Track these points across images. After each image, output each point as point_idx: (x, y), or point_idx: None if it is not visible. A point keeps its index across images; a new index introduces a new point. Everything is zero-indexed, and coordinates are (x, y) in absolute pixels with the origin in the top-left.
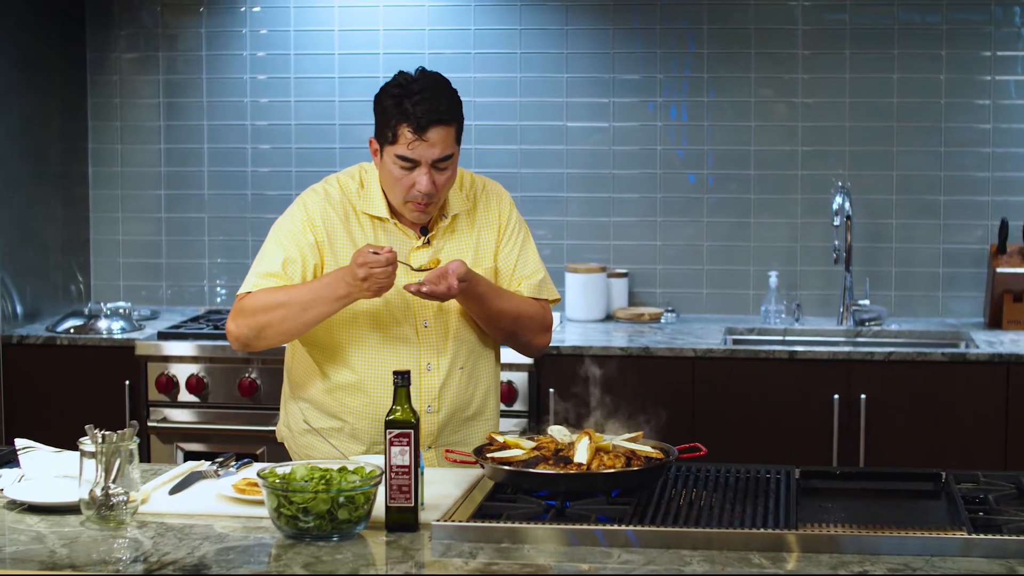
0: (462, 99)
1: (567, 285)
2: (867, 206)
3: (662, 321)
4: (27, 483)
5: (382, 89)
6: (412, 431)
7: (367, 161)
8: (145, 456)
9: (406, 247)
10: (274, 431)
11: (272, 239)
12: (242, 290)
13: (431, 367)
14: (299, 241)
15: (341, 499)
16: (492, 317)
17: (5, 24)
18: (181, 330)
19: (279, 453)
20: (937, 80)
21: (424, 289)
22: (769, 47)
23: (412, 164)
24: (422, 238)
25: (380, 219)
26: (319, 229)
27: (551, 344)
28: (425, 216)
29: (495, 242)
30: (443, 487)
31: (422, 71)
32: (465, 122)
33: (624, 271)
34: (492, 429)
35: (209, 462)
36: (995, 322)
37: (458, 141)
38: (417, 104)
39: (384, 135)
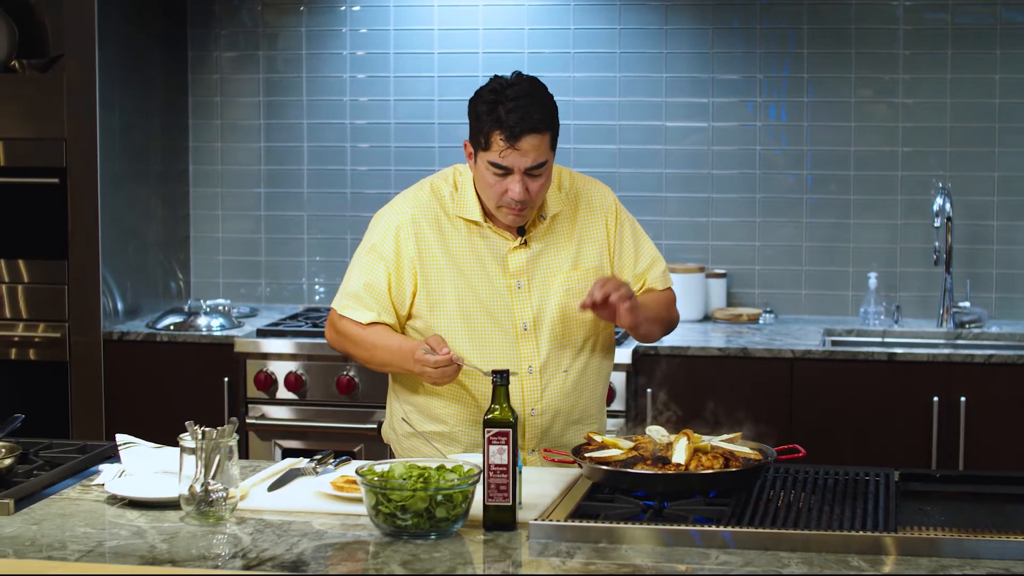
0: (561, 99)
1: None
2: (968, 207)
3: (760, 322)
4: (128, 478)
5: (476, 94)
6: (511, 430)
7: (463, 162)
8: (243, 453)
9: (503, 249)
10: (372, 428)
11: (361, 254)
12: (334, 304)
13: (532, 370)
14: (385, 259)
15: (439, 497)
16: (642, 328)
17: (110, 25)
18: (280, 328)
19: (377, 451)
20: None
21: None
22: (870, 47)
23: (505, 171)
24: (519, 239)
25: (475, 223)
26: (409, 242)
27: (649, 345)
28: (520, 220)
29: (603, 242)
30: (541, 486)
31: (518, 75)
32: (564, 122)
33: (723, 271)
34: (600, 429)
35: (308, 459)
36: None
37: (553, 148)
38: (511, 112)
39: (477, 140)
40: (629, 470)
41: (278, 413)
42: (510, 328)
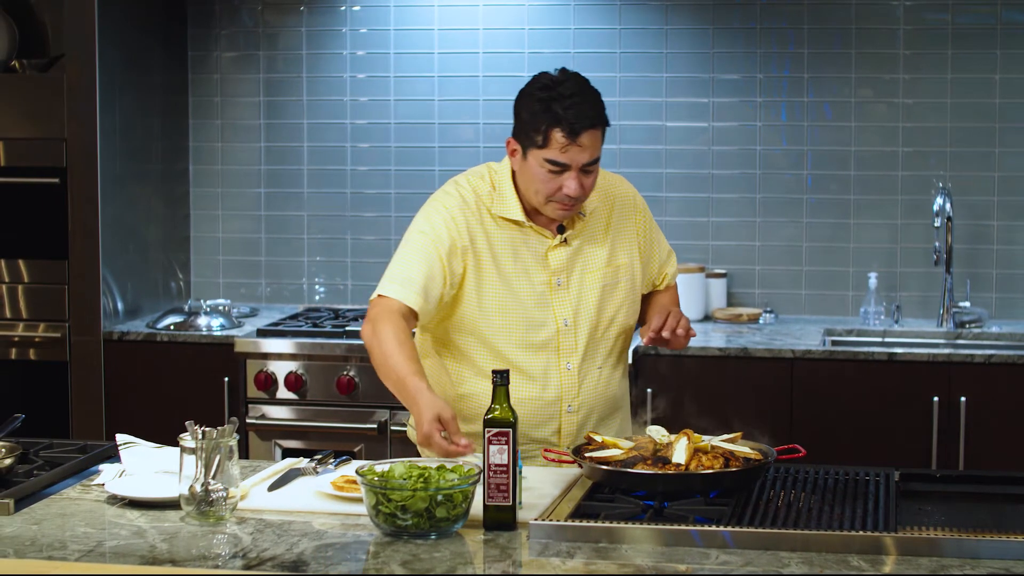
0: None
1: None
2: (968, 207)
3: (760, 322)
4: (128, 478)
5: (526, 91)
6: (511, 430)
7: (470, 161)
8: (243, 453)
9: (542, 247)
10: (372, 428)
11: (411, 242)
12: (378, 293)
13: (571, 367)
14: (438, 248)
15: (439, 497)
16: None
17: (110, 25)
18: (280, 328)
19: (377, 451)
20: None
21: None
22: (870, 47)
23: (561, 168)
24: (558, 237)
25: (516, 222)
26: (463, 234)
27: (649, 346)
28: (567, 216)
29: (634, 239)
30: (541, 486)
31: (564, 71)
32: None
33: (723, 271)
34: (624, 427)
35: (308, 459)
36: None
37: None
38: (568, 108)
39: (531, 139)
40: (629, 470)
41: (278, 413)
42: (551, 325)
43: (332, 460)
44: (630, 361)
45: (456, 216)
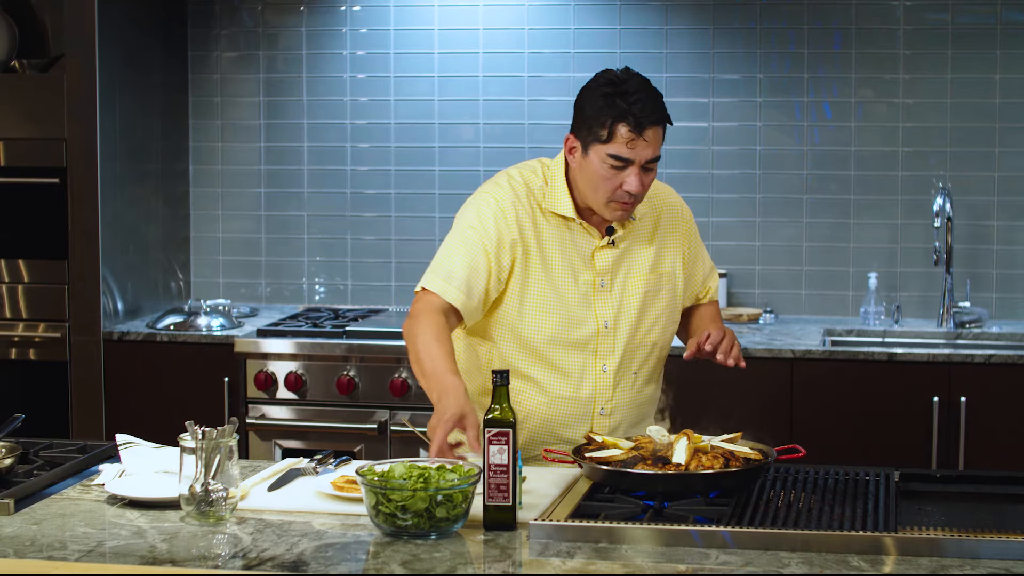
0: (561, 98)
1: None
2: (968, 207)
3: (760, 322)
4: (128, 478)
5: (590, 87)
6: (511, 430)
7: (469, 161)
8: (243, 453)
9: (589, 247)
10: (372, 428)
11: (458, 235)
12: (421, 285)
13: (607, 369)
14: (485, 243)
15: (439, 497)
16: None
17: (110, 25)
18: (280, 328)
19: (377, 451)
20: None
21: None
22: (870, 47)
23: (624, 164)
24: (607, 238)
25: (566, 218)
26: (512, 226)
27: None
28: (626, 216)
29: (679, 249)
30: (541, 486)
31: (627, 70)
32: (563, 122)
33: (723, 271)
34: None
35: (308, 459)
36: None
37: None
38: (635, 103)
39: (595, 133)
40: (629, 470)
41: (278, 413)
42: (591, 325)
43: (332, 460)
44: None
45: (506, 208)
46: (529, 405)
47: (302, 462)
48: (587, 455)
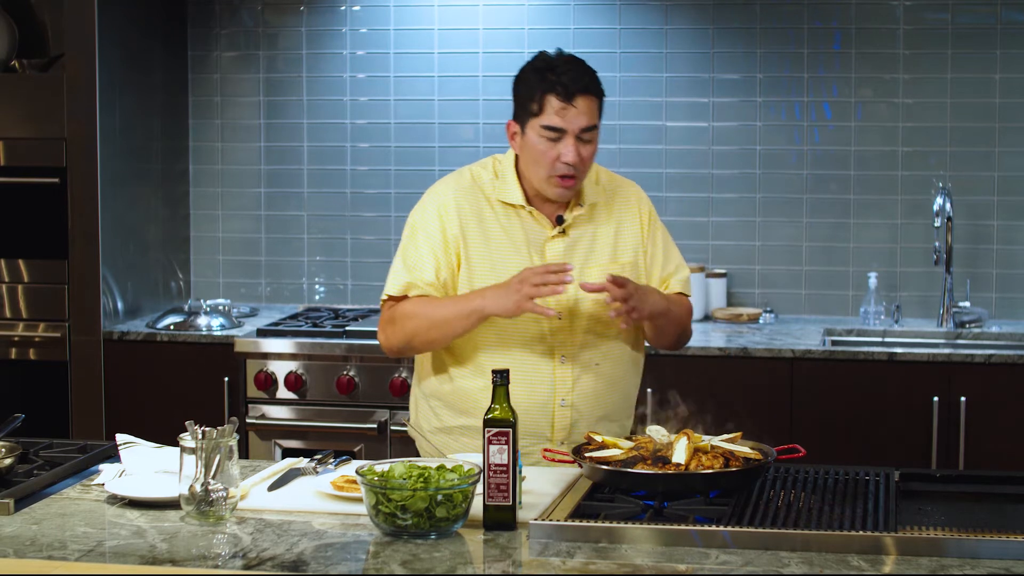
0: None
1: None
2: (968, 207)
3: (760, 322)
4: (128, 478)
5: (522, 69)
6: (511, 430)
7: (469, 161)
8: (243, 453)
9: (541, 237)
10: (372, 428)
11: (410, 238)
12: (387, 292)
13: (564, 359)
14: (434, 239)
15: (439, 497)
16: (664, 325)
17: (110, 24)
18: (280, 327)
19: (377, 450)
20: None
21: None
22: (870, 47)
23: (558, 134)
24: (557, 227)
25: (515, 207)
26: (452, 221)
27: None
28: (568, 193)
29: (639, 238)
30: (541, 486)
31: (559, 50)
32: None
33: (723, 271)
34: (627, 429)
35: (308, 459)
36: None
37: (600, 116)
38: (563, 74)
39: (528, 109)
40: (629, 470)
41: (278, 413)
42: (546, 317)
43: (332, 460)
44: None
45: (448, 203)
46: (486, 399)
47: (302, 462)
48: (587, 455)
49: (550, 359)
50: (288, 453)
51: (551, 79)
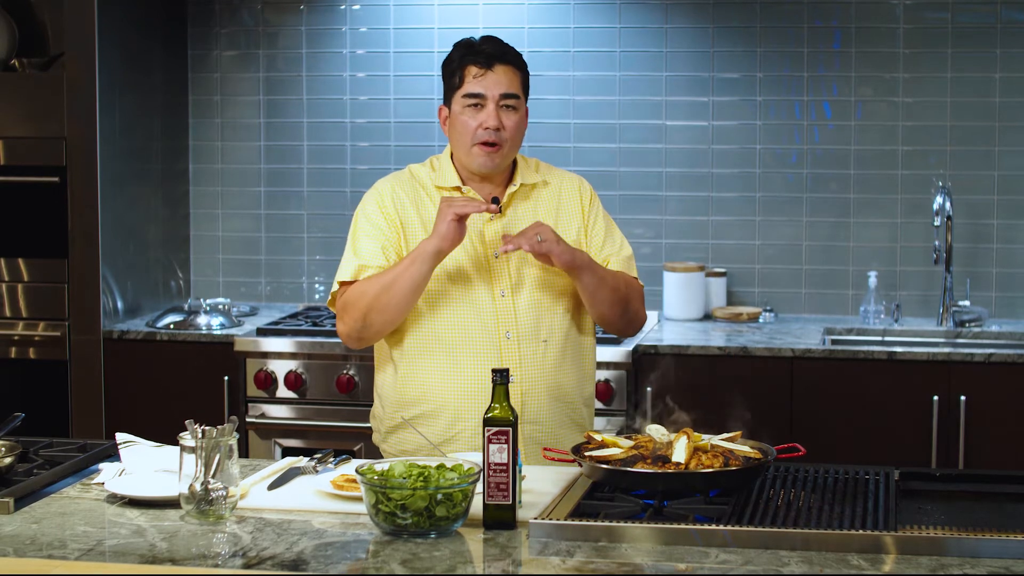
0: (561, 97)
1: (665, 284)
2: (968, 206)
3: (760, 321)
4: (127, 477)
5: (448, 54)
6: (511, 429)
7: None
8: (243, 452)
9: (480, 219)
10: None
11: (354, 232)
12: (339, 278)
13: (510, 336)
14: (377, 224)
15: (439, 496)
16: (596, 286)
17: (110, 24)
18: (280, 326)
19: (377, 450)
20: None
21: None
22: (870, 46)
23: (478, 100)
24: (495, 207)
25: (450, 189)
26: (390, 211)
27: (649, 343)
28: (492, 161)
29: (580, 221)
30: (541, 485)
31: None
32: (563, 120)
33: (722, 270)
34: (583, 417)
35: (307, 458)
36: None
37: (525, 93)
38: (482, 47)
39: (451, 85)
40: (629, 469)
41: (278, 412)
42: (487, 294)
43: (332, 459)
44: (629, 360)
45: (384, 193)
46: (441, 381)
47: (302, 461)
48: (587, 454)
49: (496, 335)
50: (288, 452)
51: (470, 53)
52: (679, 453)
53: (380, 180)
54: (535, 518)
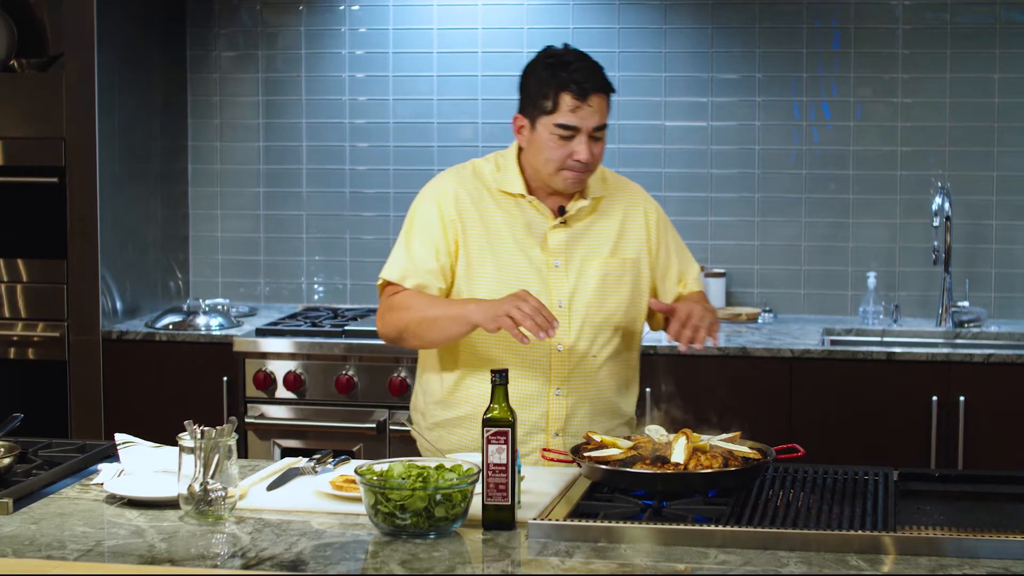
0: None
1: None
2: (967, 207)
3: (759, 321)
4: (127, 478)
5: (532, 63)
6: (510, 429)
7: (473, 157)
8: (242, 452)
9: (543, 226)
10: (371, 428)
11: (409, 226)
12: (383, 276)
13: (561, 348)
14: (433, 226)
15: (438, 497)
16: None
17: (110, 24)
18: (279, 327)
19: (376, 450)
20: None
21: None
22: (869, 46)
23: (571, 132)
24: (559, 218)
25: (516, 196)
26: (451, 214)
27: (648, 344)
28: (578, 185)
29: (643, 236)
30: (540, 485)
31: (566, 46)
32: None
33: (722, 271)
34: (626, 430)
35: (307, 459)
36: None
37: (609, 111)
38: (576, 72)
39: (540, 106)
40: (628, 469)
41: (277, 412)
42: (545, 303)
43: (331, 459)
44: None
45: (446, 190)
46: (488, 388)
47: (301, 461)
48: (586, 454)
49: (548, 347)
50: (287, 453)
51: (564, 76)
52: (678, 454)
53: (442, 175)
54: (534, 518)
